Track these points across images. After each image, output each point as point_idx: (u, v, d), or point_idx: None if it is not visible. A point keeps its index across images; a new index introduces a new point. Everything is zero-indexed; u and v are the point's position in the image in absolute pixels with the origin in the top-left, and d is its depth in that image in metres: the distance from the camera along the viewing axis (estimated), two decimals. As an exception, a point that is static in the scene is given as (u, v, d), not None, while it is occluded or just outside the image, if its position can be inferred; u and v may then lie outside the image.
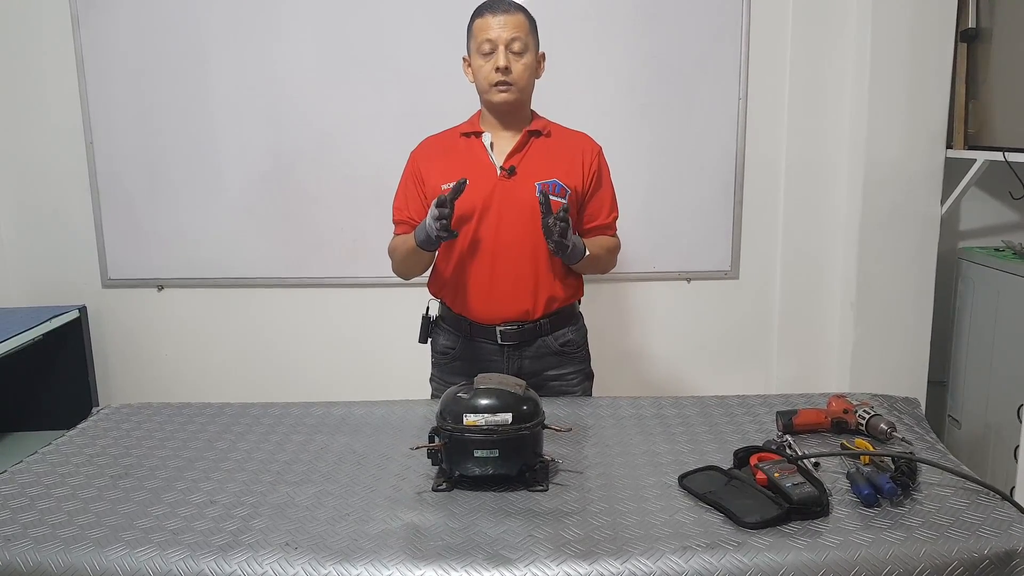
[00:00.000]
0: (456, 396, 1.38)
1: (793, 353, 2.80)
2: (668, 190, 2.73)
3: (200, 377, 2.88)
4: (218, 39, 2.67)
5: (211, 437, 1.64)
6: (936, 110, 2.54)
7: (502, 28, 1.75)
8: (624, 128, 2.67)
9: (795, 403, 1.70)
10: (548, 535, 1.21)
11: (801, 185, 2.70)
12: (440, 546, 1.18)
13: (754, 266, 2.79)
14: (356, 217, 2.72)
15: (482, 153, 1.83)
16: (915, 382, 2.66)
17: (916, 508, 1.24)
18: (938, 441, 1.55)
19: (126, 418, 1.77)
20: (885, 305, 2.65)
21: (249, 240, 2.79)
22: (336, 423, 1.71)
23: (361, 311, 2.83)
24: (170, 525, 1.26)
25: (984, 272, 2.59)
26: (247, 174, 2.75)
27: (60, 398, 2.76)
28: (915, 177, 2.57)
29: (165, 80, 2.70)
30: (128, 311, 2.86)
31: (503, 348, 1.86)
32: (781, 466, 1.29)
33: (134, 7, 2.66)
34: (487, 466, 1.34)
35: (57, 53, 2.70)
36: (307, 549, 1.18)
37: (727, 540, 1.17)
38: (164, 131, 2.73)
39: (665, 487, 1.35)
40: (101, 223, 2.80)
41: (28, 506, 1.35)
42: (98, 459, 1.54)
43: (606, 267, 1.95)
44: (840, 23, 2.58)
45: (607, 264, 1.94)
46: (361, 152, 2.69)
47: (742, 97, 2.67)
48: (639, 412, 1.72)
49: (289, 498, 1.35)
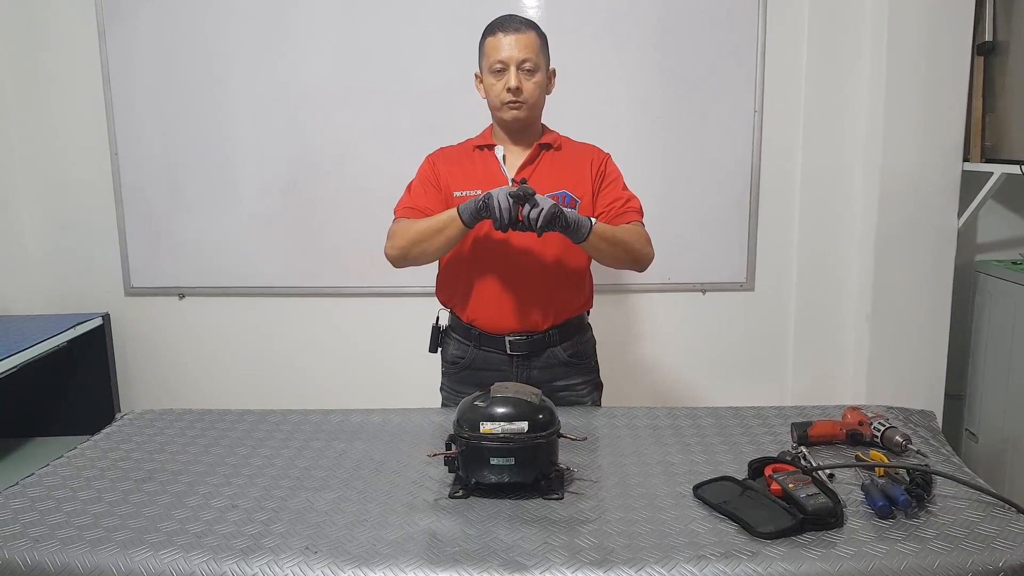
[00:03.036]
0: (473, 404, 1.40)
1: (808, 365, 2.79)
2: (683, 202, 2.74)
3: (218, 383, 2.92)
4: (238, 53, 2.72)
5: (232, 443, 1.67)
6: (952, 123, 2.54)
7: (513, 48, 1.77)
8: (640, 140, 2.69)
9: (810, 415, 1.70)
10: (563, 543, 1.22)
11: (817, 197, 2.71)
12: (457, 552, 1.20)
13: (770, 278, 2.79)
14: (371, 228, 2.70)
15: (494, 165, 1.85)
16: (932, 395, 2.65)
17: (931, 520, 1.25)
18: (953, 454, 1.55)
19: (149, 423, 1.80)
20: (901, 318, 2.64)
21: (267, 250, 2.83)
22: (354, 430, 1.73)
23: (374, 320, 2.86)
24: (193, 528, 1.29)
25: (1001, 285, 2.57)
26: (266, 185, 2.79)
27: (83, 404, 2.80)
28: (932, 190, 2.57)
29: (187, 93, 2.75)
30: (150, 319, 2.91)
31: (512, 358, 1.87)
32: (796, 477, 1.30)
33: (157, 22, 2.72)
34: (503, 474, 1.36)
35: (83, 66, 2.76)
36: (326, 554, 1.20)
37: (742, 550, 1.17)
38: (186, 143, 2.78)
39: (680, 497, 1.37)
40: (125, 232, 2.85)
41: (55, 508, 1.38)
42: (122, 463, 1.58)
43: (628, 250, 1.79)
44: (856, 36, 2.59)
45: (633, 246, 1.79)
46: (377, 164, 2.73)
47: (758, 110, 2.68)
48: (654, 422, 1.74)
49: (308, 503, 1.38)
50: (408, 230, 1.79)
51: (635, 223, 1.86)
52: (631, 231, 1.82)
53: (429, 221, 1.75)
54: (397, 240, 1.81)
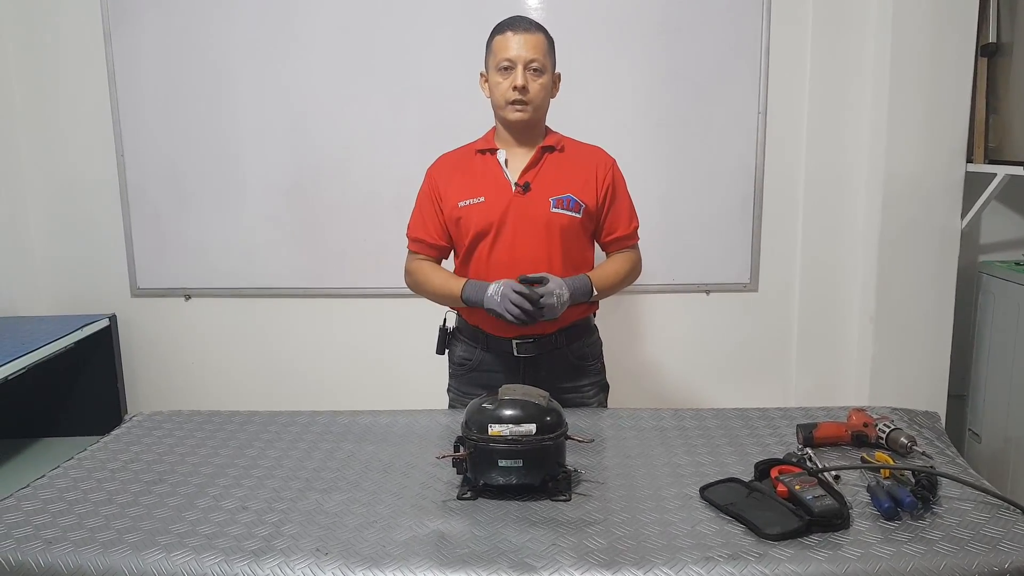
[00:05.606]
0: (481, 406, 1.41)
1: (812, 366, 2.80)
2: (687, 203, 2.75)
3: (224, 384, 2.93)
4: (243, 56, 2.73)
5: (241, 444, 1.68)
6: (956, 124, 2.54)
7: (522, 47, 1.78)
8: (644, 141, 2.70)
9: (815, 416, 1.71)
10: (572, 544, 1.23)
11: (820, 198, 2.71)
12: (466, 553, 1.21)
13: (773, 279, 2.80)
14: (376, 229, 2.76)
15: (497, 170, 1.87)
16: (935, 395, 2.65)
17: (936, 522, 1.26)
18: (958, 455, 1.56)
19: (158, 425, 1.81)
20: (905, 318, 2.65)
21: (273, 251, 2.84)
22: (361, 432, 1.74)
23: (380, 322, 2.88)
24: (204, 530, 1.30)
25: (1004, 286, 2.58)
26: (271, 186, 2.81)
27: (90, 404, 2.81)
28: (935, 191, 2.58)
29: (192, 95, 2.76)
30: (156, 320, 2.92)
31: (519, 360, 1.88)
32: (802, 479, 1.31)
33: (162, 26, 2.73)
34: (511, 476, 1.37)
35: (90, 69, 2.78)
36: (337, 555, 1.21)
37: (749, 551, 1.18)
38: (191, 145, 2.79)
39: (686, 498, 1.38)
40: (131, 234, 2.86)
41: (66, 510, 1.39)
42: (132, 465, 1.59)
43: (627, 284, 1.96)
44: (860, 38, 2.60)
45: (627, 281, 1.95)
46: (382, 165, 2.74)
47: (761, 111, 2.69)
48: (660, 424, 1.75)
49: (318, 505, 1.39)
50: (419, 283, 1.93)
51: (630, 248, 1.97)
52: (624, 265, 1.94)
53: (436, 284, 1.88)
54: (411, 284, 1.96)
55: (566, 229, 1.84)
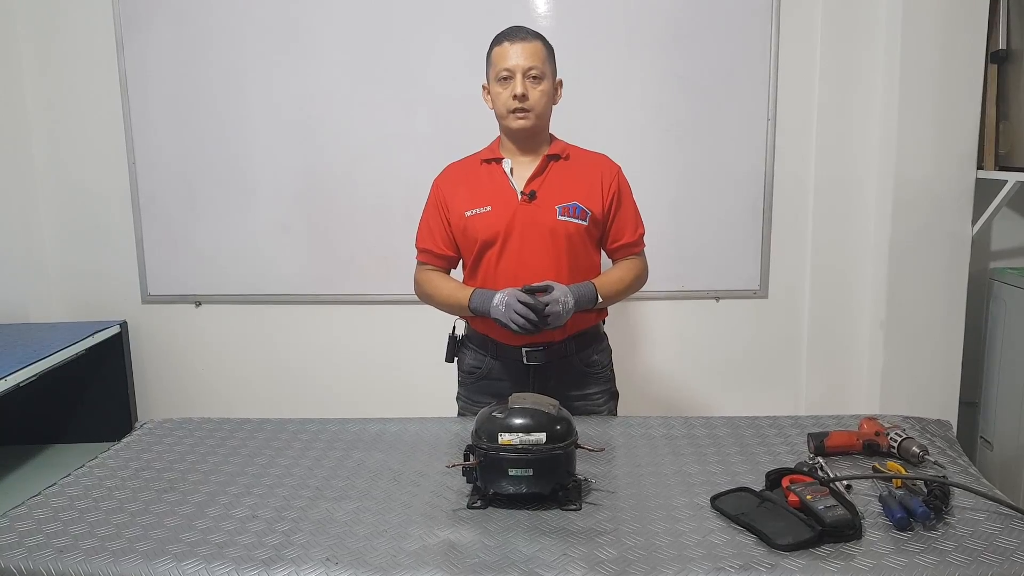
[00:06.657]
0: (491, 415, 1.41)
1: (822, 373, 2.79)
2: (696, 209, 2.75)
3: (234, 390, 2.94)
4: (253, 63, 2.75)
5: (251, 452, 1.69)
6: (966, 130, 2.53)
7: (519, 56, 1.79)
8: (652, 148, 2.70)
9: (826, 424, 1.70)
10: (582, 554, 1.23)
11: (830, 204, 2.70)
12: (476, 563, 1.21)
13: (783, 285, 2.79)
14: (386, 235, 2.77)
15: (503, 179, 1.87)
16: (946, 403, 2.64)
17: (949, 532, 1.25)
18: (971, 465, 1.55)
19: (168, 432, 1.82)
20: (915, 325, 2.63)
21: (283, 257, 2.85)
22: (371, 440, 1.74)
23: (390, 329, 2.88)
24: (215, 539, 1.30)
25: (1015, 293, 2.56)
26: (281, 193, 2.82)
27: (100, 411, 2.83)
28: (945, 197, 2.57)
29: (203, 102, 2.78)
30: (167, 326, 2.93)
31: (529, 368, 1.88)
32: (813, 488, 1.30)
33: (174, 34, 2.75)
34: (521, 485, 1.37)
35: (101, 77, 2.80)
36: (347, 564, 1.21)
37: (760, 562, 1.18)
38: (202, 152, 2.81)
39: (697, 508, 1.37)
40: (142, 241, 2.88)
41: (78, 519, 1.39)
42: (143, 473, 1.60)
43: (633, 290, 1.95)
44: (869, 44, 2.59)
45: (632, 288, 1.95)
46: (392, 172, 2.75)
47: (771, 118, 2.68)
48: (670, 432, 1.74)
49: (328, 513, 1.39)
50: (428, 294, 1.94)
51: (636, 255, 1.97)
52: (629, 272, 1.93)
53: (445, 293, 1.89)
54: (421, 294, 1.98)
55: (573, 237, 1.84)
